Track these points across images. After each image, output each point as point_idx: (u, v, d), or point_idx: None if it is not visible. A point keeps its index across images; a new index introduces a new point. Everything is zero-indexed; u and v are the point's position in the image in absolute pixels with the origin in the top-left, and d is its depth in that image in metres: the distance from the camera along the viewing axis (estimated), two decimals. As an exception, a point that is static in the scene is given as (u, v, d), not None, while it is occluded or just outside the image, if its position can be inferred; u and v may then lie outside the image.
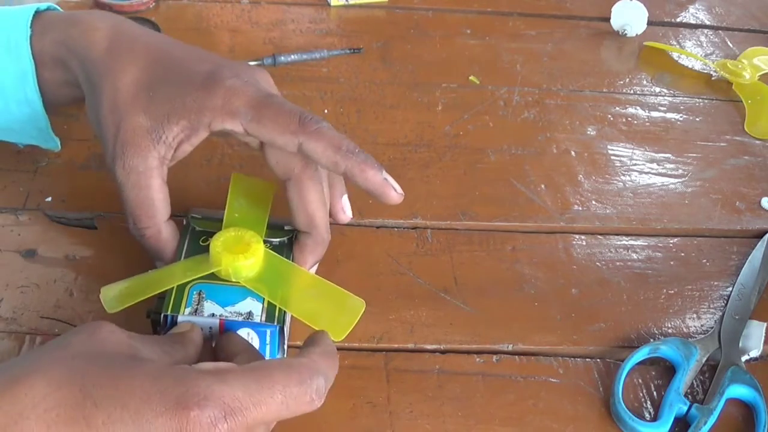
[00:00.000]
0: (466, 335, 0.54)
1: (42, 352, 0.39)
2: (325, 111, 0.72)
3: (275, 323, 0.48)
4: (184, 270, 0.49)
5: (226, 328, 0.47)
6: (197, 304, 0.47)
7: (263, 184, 0.56)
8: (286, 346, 0.50)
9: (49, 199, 0.60)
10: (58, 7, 0.57)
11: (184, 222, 0.54)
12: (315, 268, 0.54)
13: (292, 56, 0.76)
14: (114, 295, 0.48)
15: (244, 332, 0.48)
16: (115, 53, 0.51)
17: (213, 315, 0.47)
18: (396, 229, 0.62)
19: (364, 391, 0.50)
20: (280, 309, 0.49)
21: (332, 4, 0.85)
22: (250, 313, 0.48)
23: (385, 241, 0.60)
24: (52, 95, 0.55)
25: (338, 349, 0.52)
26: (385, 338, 0.53)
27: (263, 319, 0.48)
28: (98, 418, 0.36)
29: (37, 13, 0.54)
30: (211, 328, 0.48)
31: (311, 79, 0.75)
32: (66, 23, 0.54)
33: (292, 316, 0.50)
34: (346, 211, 0.55)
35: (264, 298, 0.49)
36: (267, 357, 0.49)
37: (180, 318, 0.47)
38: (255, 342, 0.48)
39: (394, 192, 0.50)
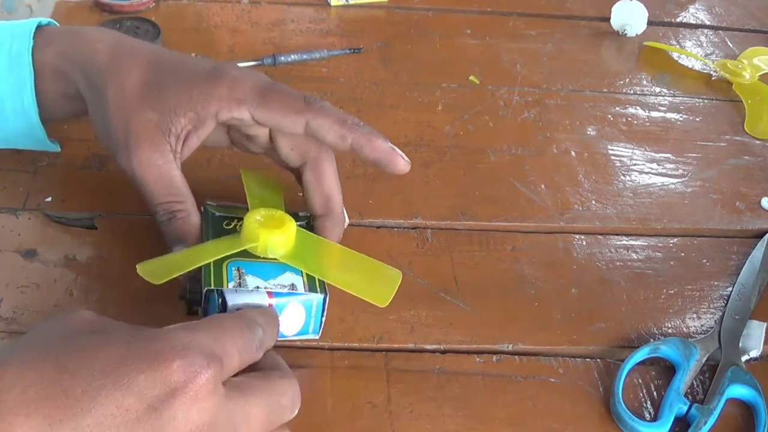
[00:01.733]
0: (466, 335, 0.54)
1: (13, 343, 0.39)
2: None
3: (319, 292, 0.49)
4: (216, 248, 0.50)
5: (275, 303, 0.48)
6: (239, 279, 0.48)
7: (271, 177, 0.57)
8: (324, 320, 0.51)
9: (49, 199, 0.60)
10: (57, 23, 0.57)
11: (202, 209, 0.55)
12: None
13: (292, 56, 0.76)
14: (154, 269, 0.48)
15: (291, 308, 0.49)
16: (119, 59, 0.53)
17: (258, 287, 0.48)
18: (396, 229, 0.62)
19: (364, 391, 0.50)
20: (320, 280, 0.50)
21: (332, 4, 0.85)
22: (292, 285, 0.49)
23: (385, 241, 0.60)
24: (50, 108, 0.56)
25: (338, 349, 0.52)
26: (385, 338, 0.53)
27: (307, 289, 0.49)
28: (77, 388, 0.36)
29: (39, 27, 0.55)
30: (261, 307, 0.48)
31: (311, 79, 0.75)
32: (68, 36, 0.55)
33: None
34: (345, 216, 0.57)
35: (302, 271, 0.50)
36: (309, 333, 0.51)
37: (227, 293, 0.47)
38: (301, 314, 0.50)
39: (402, 160, 0.52)
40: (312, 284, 0.50)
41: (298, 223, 0.54)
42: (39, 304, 0.53)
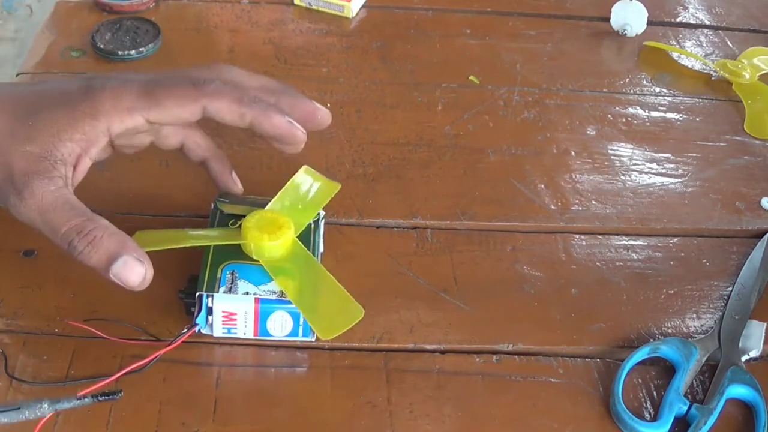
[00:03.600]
0: (466, 335, 0.54)
1: None
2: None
3: None
4: (217, 235, 0.52)
5: (261, 307, 0.49)
6: (231, 284, 0.49)
7: (328, 182, 0.57)
8: None
9: (49, 199, 0.60)
10: None
11: (212, 206, 0.55)
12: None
13: None
14: (146, 238, 0.50)
15: (279, 315, 0.49)
16: None
17: (247, 293, 0.49)
18: (396, 229, 0.62)
19: (364, 391, 0.50)
20: None
21: (296, 3, 0.84)
22: (282, 292, 0.49)
23: (385, 241, 0.60)
24: None
25: (338, 349, 0.52)
26: (385, 338, 0.53)
27: None
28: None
29: None
30: (246, 312, 0.49)
31: (311, 78, 0.75)
32: None
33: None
34: (238, 184, 0.57)
35: (297, 279, 0.51)
36: (300, 337, 0.51)
37: (216, 296, 0.49)
38: (288, 323, 0.50)
39: (299, 132, 0.51)
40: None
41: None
42: (39, 304, 0.53)
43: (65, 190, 0.47)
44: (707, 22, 0.91)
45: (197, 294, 0.49)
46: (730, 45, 0.87)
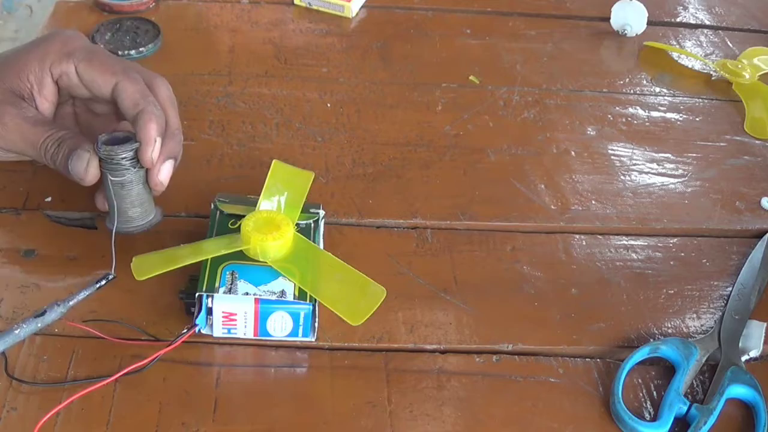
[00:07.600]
0: (466, 335, 0.54)
1: None
2: (327, 106, 0.72)
3: (308, 302, 0.50)
4: (215, 246, 0.52)
5: (261, 307, 0.49)
6: (231, 284, 0.49)
7: (301, 172, 0.58)
8: (317, 325, 0.51)
9: (49, 199, 0.60)
10: None
11: (212, 206, 0.56)
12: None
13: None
14: (144, 264, 0.50)
15: (279, 315, 0.50)
16: None
17: (247, 294, 0.49)
18: (396, 229, 0.62)
19: (364, 391, 0.50)
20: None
21: (295, 3, 0.84)
22: (282, 292, 0.50)
23: (385, 241, 0.60)
24: None
25: (338, 349, 0.52)
26: (385, 338, 0.53)
27: (296, 296, 0.50)
28: None
29: None
30: (246, 312, 0.49)
31: (311, 78, 0.75)
32: None
33: None
34: (161, 175, 0.54)
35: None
36: (300, 337, 0.51)
37: (216, 297, 0.49)
38: (288, 323, 0.50)
39: (149, 155, 0.52)
40: (303, 292, 0.50)
41: (305, 222, 0.55)
42: (39, 304, 0.52)
43: (40, 115, 0.55)
44: (707, 22, 0.91)
45: (197, 294, 0.49)
46: (730, 45, 0.87)
